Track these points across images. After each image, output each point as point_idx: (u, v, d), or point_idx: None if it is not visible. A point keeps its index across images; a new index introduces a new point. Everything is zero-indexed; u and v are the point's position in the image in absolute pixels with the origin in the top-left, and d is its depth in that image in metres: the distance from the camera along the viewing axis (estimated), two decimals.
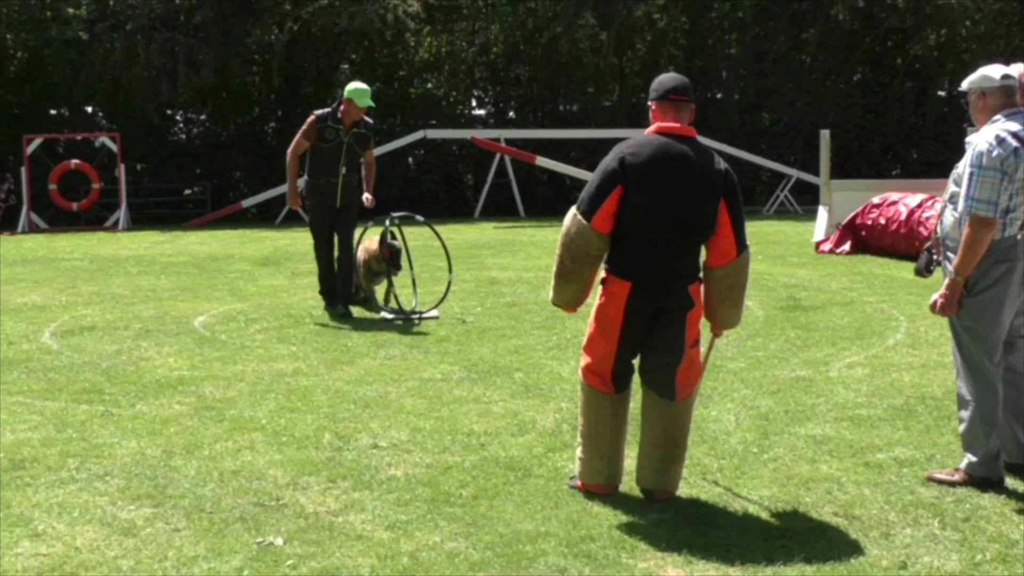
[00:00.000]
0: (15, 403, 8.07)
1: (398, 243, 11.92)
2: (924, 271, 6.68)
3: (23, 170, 25.33)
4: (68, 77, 27.13)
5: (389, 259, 11.75)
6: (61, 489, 6.12)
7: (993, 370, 6.01)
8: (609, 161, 5.66)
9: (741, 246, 5.76)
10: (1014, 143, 5.84)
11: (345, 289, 11.82)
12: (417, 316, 11.47)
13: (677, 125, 5.74)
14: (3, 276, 16.01)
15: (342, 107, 11.62)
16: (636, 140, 5.73)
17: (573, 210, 5.71)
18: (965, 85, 6.19)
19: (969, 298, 5.96)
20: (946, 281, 5.98)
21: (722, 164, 5.76)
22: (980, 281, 5.94)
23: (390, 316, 11.59)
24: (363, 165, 12.24)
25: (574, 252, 5.68)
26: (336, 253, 11.88)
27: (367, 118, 12.07)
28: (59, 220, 26.03)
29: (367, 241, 11.96)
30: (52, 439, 7.10)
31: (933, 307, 6.08)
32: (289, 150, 11.85)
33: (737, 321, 6.03)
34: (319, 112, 11.85)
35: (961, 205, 5.91)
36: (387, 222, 12.27)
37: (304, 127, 11.63)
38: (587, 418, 5.93)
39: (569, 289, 5.80)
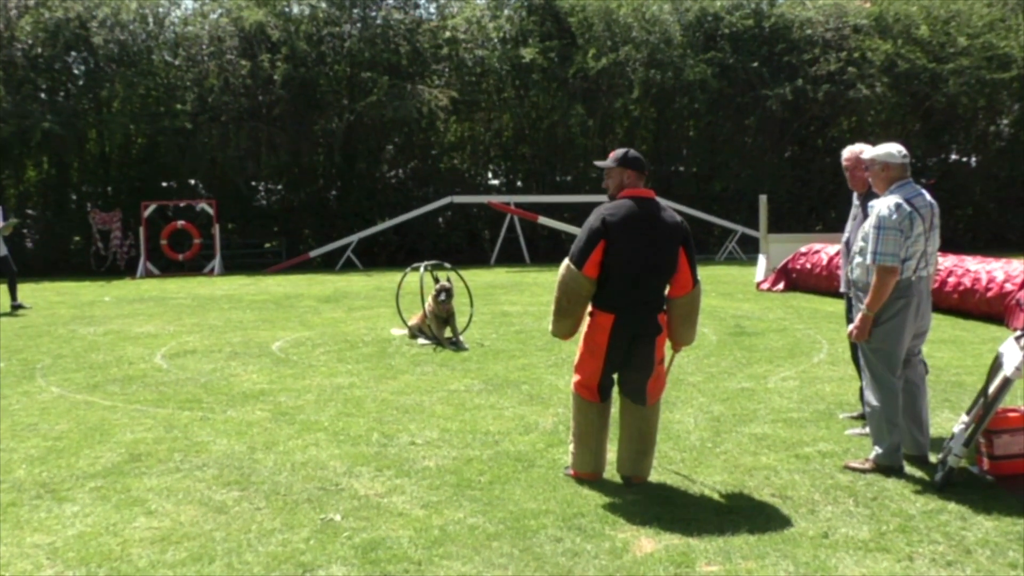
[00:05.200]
0: (134, 410, 8.10)
1: (446, 283, 11.58)
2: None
3: (141, 229, 25.49)
4: (176, 158, 27.34)
5: (444, 293, 11.31)
6: (169, 477, 6.13)
7: (895, 382, 6.02)
8: (593, 221, 5.66)
9: (695, 280, 5.84)
10: (908, 208, 5.89)
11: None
12: (452, 345, 11.29)
13: (642, 190, 5.79)
14: (125, 311, 16.06)
15: None
16: (612, 204, 5.75)
17: (566, 261, 5.71)
18: (868, 157, 6.22)
19: (876, 327, 5.99)
20: (859, 315, 6.01)
21: (678, 217, 5.83)
22: (884, 313, 5.96)
23: (425, 342, 11.56)
24: None
25: (570, 295, 5.69)
26: None
27: None
28: (168, 268, 26.12)
29: (428, 303, 11.50)
30: (162, 438, 7.12)
31: (850, 335, 6.13)
32: None
33: (692, 339, 6.04)
34: None
35: (868, 257, 5.94)
36: (421, 268, 12.31)
37: None
38: (578, 422, 5.92)
39: (566, 323, 5.80)
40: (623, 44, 28.13)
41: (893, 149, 6.13)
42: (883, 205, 5.94)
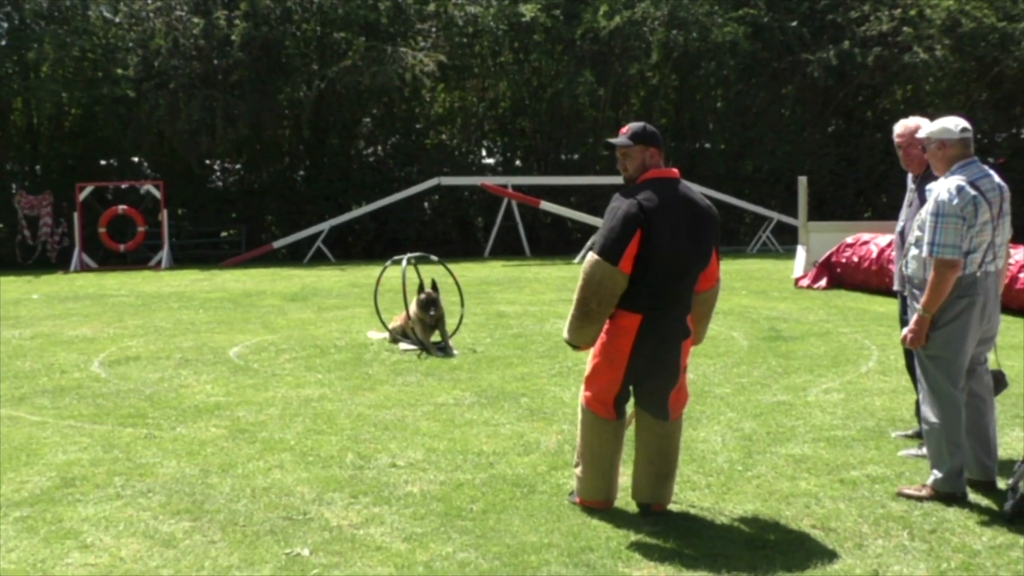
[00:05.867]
0: (67, 426, 8.08)
1: (431, 292, 11.63)
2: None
3: (76, 215, 25.47)
4: (117, 131, 27.32)
5: (429, 304, 11.44)
6: (108, 504, 6.12)
7: (957, 395, 6.02)
8: (627, 208, 5.61)
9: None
10: (972, 192, 5.88)
11: None
12: (439, 351, 11.31)
13: (669, 171, 5.82)
14: (57, 311, 16.04)
15: None
16: (642, 188, 5.70)
17: (594, 256, 5.65)
18: (923, 134, 6.21)
19: (935, 331, 5.98)
20: (914, 317, 6.01)
21: (708, 201, 5.89)
22: (944, 315, 5.96)
23: (408, 348, 11.55)
24: None
25: (602, 295, 5.62)
26: None
27: None
28: (108, 260, 26.10)
29: (413, 306, 11.60)
30: (100, 459, 7.11)
31: (904, 340, 6.13)
32: None
33: (704, 338, 6.20)
34: None
35: (925, 250, 5.93)
36: (404, 262, 12.30)
37: None
38: (588, 442, 5.92)
39: (592, 330, 5.74)
40: (639, 0, 28.12)
41: (950, 124, 6.11)
42: (942, 188, 5.93)
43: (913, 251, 6.19)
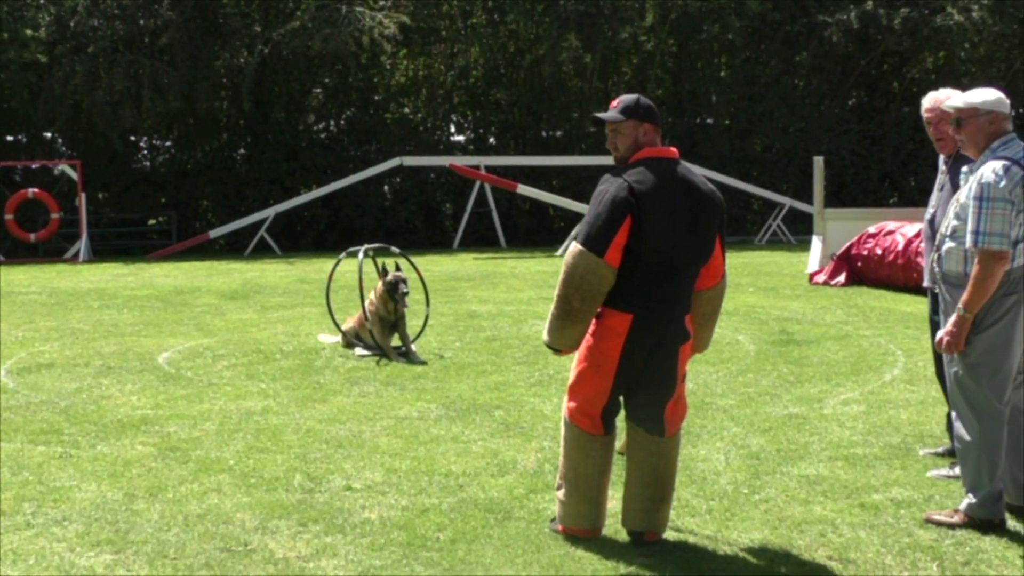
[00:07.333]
0: None
1: (399, 273, 11.66)
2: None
3: None
4: (26, 102, 27.12)
5: (399, 283, 11.49)
6: (16, 535, 6.08)
7: (1001, 409, 6.00)
8: (615, 191, 5.61)
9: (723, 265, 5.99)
10: (1020, 171, 5.85)
11: None
12: (401, 356, 11.32)
13: (666, 149, 5.82)
14: None
15: None
16: (634, 169, 5.71)
17: (577, 246, 5.64)
18: (952, 104, 6.20)
19: (977, 334, 5.94)
20: (953, 318, 5.96)
21: (711, 185, 5.91)
22: (988, 316, 5.92)
23: (365, 353, 11.54)
24: None
25: (585, 291, 5.61)
26: None
27: None
28: (15, 252, 25.94)
29: (370, 300, 11.66)
30: (7, 482, 7.06)
31: (939, 345, 6.10)
32: None
33: (709, 344, 6.23)
34: None
35: (969, 240, 5.90)
36: (360, 254, 12.29)
37: None
38: (573, 461, 5.91)
39: (576, 331, 5.73)
40: None
41: (989, 96, 6.10)
42: (987, 170, 5.88)
43: (948, 244, 6.16)
